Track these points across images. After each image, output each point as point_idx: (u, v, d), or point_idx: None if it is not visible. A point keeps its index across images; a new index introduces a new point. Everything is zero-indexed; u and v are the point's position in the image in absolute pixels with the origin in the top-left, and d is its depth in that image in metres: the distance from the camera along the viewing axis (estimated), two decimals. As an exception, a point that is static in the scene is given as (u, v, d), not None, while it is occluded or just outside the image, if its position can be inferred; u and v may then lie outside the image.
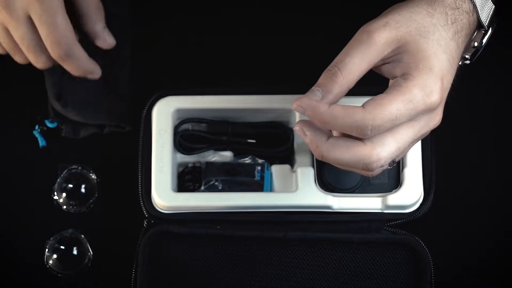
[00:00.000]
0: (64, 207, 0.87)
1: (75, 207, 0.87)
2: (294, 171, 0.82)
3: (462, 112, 0.86)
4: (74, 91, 0.86)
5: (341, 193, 0.81)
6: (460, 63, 0.70)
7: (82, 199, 0.87)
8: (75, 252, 0.85)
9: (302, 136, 0.67)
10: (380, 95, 0.64)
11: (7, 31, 0.74)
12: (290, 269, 0.81)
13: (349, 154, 0.65)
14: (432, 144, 0.82)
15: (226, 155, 0.83)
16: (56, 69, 0.86)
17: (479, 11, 0.68)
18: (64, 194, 0.87)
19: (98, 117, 0.86)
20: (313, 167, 0.81)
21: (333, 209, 0.81)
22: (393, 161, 0.67)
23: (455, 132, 0.86)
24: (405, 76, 0.65)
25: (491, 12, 0.70)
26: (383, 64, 0.67)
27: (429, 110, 0.65)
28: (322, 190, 0.81)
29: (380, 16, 0.67)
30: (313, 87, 0.66)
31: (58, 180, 0.87)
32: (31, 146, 0.87)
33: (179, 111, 0.82)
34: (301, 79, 0.87)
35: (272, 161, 0.83)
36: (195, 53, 0.88)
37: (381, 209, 0.81)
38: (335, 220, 0.81)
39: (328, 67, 0.66)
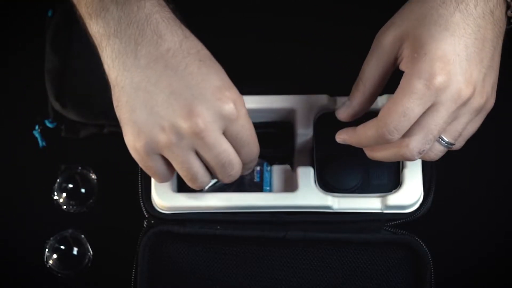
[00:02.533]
0: (64, 207, 0.87)
1: (75, 207, 0.87)
2: (294, 171, 0.82)
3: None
4: (74, 91, 0.86)
5: (341, 193, 0.81)
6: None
7: (82, 199, 0.87)
8: (75, 252, 0.85)
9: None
10: (389, 98, 0.68)
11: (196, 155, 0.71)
12: (290, 269, 0.81)
13: (386, 152, 0.71)
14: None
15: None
16: (56, 69, 0.87)
17: None
18: (64, 194, 0.87)
19: (98, 117, 0.86)
20: (313, 167, 0.81)
21: (333, 209, 0.80)
22: (447, 143, 0.71)
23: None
24: (405, 72, 0.67)
25: None
26: (400, 62, 0.69)
27: (442, 91, 0.66)
28: (322, 190, 0.80)
29: (391, 18, 0.70)
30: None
31: (58, 180, 0.87)
32: (31, 146, 0.88)
33: (179, 111, 0.82)
34: (301, 80, 0.87)
35: (272, 161, 0.83)
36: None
37: (381, 209, 0.81)
38: (335, 220, 0.81)
39: None
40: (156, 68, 0.67)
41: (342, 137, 0.74)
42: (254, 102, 0.82)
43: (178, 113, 0.67)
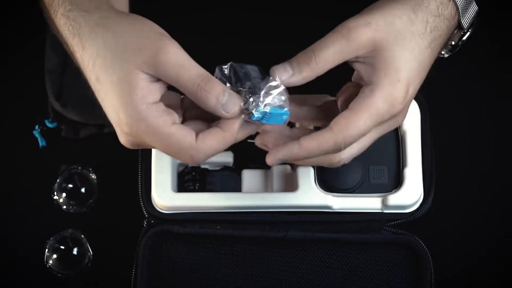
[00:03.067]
0: (64, 207, 0.87)
1: (75, 207, 0.87)
2: (294, 171, 0.82)
3: (461, 113, 0.87)
4: (74, 91, 0.86)
5: (341, 193, 0.81)
6: (441, 54, 0.73)
7: (82, 199, 0.87)
8: (75, 252, 0.85)
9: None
10: (348, 111, 0.66)
11: None
12: (290, 269, 0.81)
13: (316, 160, 0.69)
14: (432, 144, 0.82)
15: (226, 155, 0.83)
16: (56, 69, 0.87)
17: (461, 14, 0.69)
18: (64, 194, 0.87)
19: (98, 117, 0.86)
20: (313, 167, 0.81)
21: (333, 209, 0.80)
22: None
23: (455, 133, 0.86)
24: (372, 86, 0.66)
25: (473, 15, 0.70)
26: (356, 61, 0.68)
27: (392, 117, 0.68)
28: (322, 190, 0.80)
29: (363, 13, 0.68)
30: (285, 62, 0.67)
31: (58, 180, 0.87)
32: (31, 146, 0.88)
33: (179, 111, 0.82)
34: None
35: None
36: (194, 54, 0.88)
37: (381, 209, 0.81)
38: (335, 220, 0.81)
39: (305, 50, 0.67)
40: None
41: (282, 153, 0.68)
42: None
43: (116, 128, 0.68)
